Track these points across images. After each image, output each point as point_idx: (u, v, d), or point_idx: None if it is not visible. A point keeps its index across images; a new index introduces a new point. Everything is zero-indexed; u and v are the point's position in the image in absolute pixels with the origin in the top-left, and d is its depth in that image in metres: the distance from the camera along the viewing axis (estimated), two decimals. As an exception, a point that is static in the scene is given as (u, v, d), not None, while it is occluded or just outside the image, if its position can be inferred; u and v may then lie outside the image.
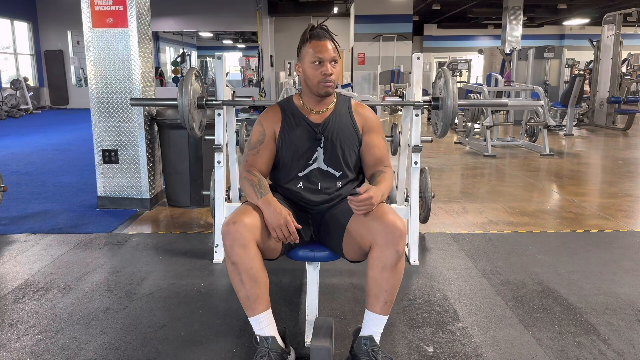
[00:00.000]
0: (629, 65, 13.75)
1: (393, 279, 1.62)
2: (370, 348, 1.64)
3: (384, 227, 1.59)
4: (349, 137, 1.89)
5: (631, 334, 1.97)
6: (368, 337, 1.66)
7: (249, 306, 1.65)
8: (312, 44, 1.77)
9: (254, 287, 1.63)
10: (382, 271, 1.61)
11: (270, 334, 1.66)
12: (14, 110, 11.61)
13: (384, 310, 1.66)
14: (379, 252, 1.60)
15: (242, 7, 14.58)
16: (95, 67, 3.66)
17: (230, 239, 1.59)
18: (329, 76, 1.78)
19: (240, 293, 1.65)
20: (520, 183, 4.78)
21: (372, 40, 15.20)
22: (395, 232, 1.58)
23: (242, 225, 1.60)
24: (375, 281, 1.63)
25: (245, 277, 1.61)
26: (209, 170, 3.13)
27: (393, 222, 1.60)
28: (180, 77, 16.50)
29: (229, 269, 1.64)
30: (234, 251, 1.59)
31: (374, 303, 1.66)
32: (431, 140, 2.84)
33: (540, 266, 2.67)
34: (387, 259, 1.59)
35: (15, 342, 1.92)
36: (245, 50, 22.44)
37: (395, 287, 1.65)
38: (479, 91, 7.53)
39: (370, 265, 1.63)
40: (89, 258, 2.82)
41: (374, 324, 1.68)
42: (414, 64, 2.73)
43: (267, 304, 1.68)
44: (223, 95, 2.84)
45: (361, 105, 1.98)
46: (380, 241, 1.59)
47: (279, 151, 1.89)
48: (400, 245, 1.59)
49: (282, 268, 2.60)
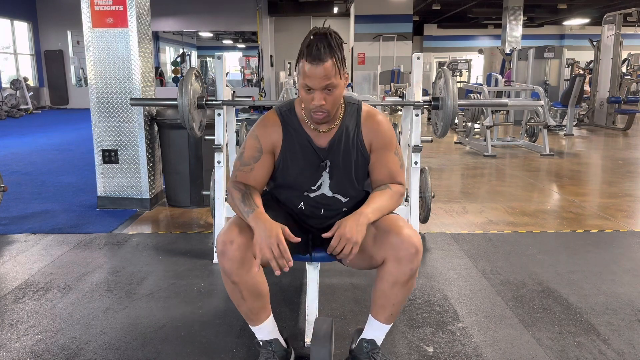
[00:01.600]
0: (629, 65, 13.74)
1: (402, 295, 1.57)
2: (372, 350, 1.63)
3: (399, 243, 1.49)
4: (358, 159, 1.66)
5: (631, 334, 1.97)
6: (370, 341, 1.65)
7: (252, 318, 1.63)
8: (306, 62, 1.47)
9: (256, 301, 1.58)
10: (393, 287, 1.54)
11: (274, 337, 1.66)
12: (14, 110, 11.61)
13: (389, 320, 1.64)
14: (392, 267, 1.52)
15: (242, 7, 14.58)
16: (95, 67, 3.66)
17: (228, 260, 1.48)
18: (320, 107, 1.51)
19: (242, 308, 1.60)
20: (520, 183, 4.78)
21: (372, 40, 15.21)
22: (411, 249, 1.48)
23: (239, 246, 1.48)
24: (384, 294, 1.57)
25: (247, 294, 1.55)
26: (209, 170, 3.13)
27: (409, 238, 1.50)
28: (180, 77, 16.51)
29: (228, 287, 1.55)
30: (234, 272, 1.49)
31: (379, 312, 1.62)
32: (431, 140, 2.84)
33: (540, 266, 2.67)
34: (399, 276, 1.52)
35: (15, 342, 1.92)
36: (245, 50, 22.44)
37: (403, 302, 1.60)
38: (479, 91, 7.53)
39: (381, 278, 1.56)
40: (89, 258, 2.82)
41: (377, 329, 1.66)
42: (414, 64, 2.73)
43: (269, 311, 1.66)
44: (223, 95, 2.84)
45: (372, 116, 1.68)
46: (395, 257, 1.50)
47: (278, 171, 1.67)
48: (415, 262, 1.50)
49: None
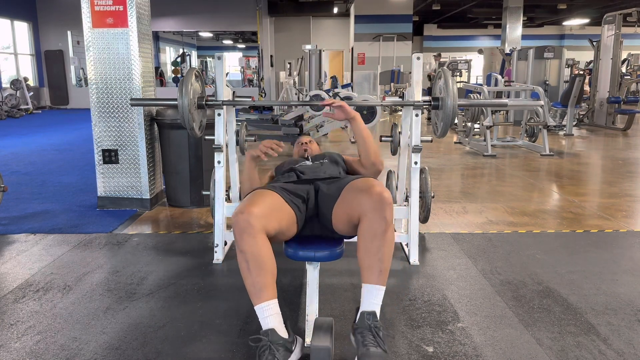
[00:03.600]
0: (629, 65, 13.74)
1: (384, 247, 1.68)
2: (373, 323, 1.66)
3: (370, 198, 1.69)
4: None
5: (631, 334, 1.97)
6: (371, 313, 1.68)
7: (255, 294, 1.68)
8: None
9: (259, 275, 1.67)
10: (373, 240, 1.68)
11: (270, 326, 1.65)
12: (14, 110, 11.61)
13: (380, 280, 1.70)
14: (367, 222, 1.69)
15: (242, 7, 14.58)
16: (95, 67, 3.66)
17: (239, 228, 1.66)
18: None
19: (247, 280, 1.70)
20: (520, 183, 4.78)
21: (372, 40, 15.20)
22: (382, 200, 1.67)
23: (250, 215, 1.67)
24: (367, 251, 1.69)
25: (252, 265, 1.67)
26: (209, 170, 3.13)
27: (379, 192, 1.69)
28: (180, 77, 16.51)
29: (238, 257, 1.71)
30: (243, 239, 1.66)
31: (369, 275, 1.70)
32: (431, 140, 2.84)
33: (540, 266, 2.67)
34: (375, 227, 1.67)
35: (15, 342, 1.92)
36: (245, 50, 22.43)
37: (387, 256, 1.70)
38: (479, 91, 7.53)
39: (361, 237, 1.71)
40: (89, 258, 2.82)
41: (373, 295, 1.70)
42: (414, 64, 2.73)
43: (273, 293, 1.69)
44: (223, 95, 2.84)
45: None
46: (368, 211, 1.68)
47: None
48: (387, 212, 1.67)
49: (282, 268, 2.59)
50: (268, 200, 1.83)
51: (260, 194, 1.88)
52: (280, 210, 1.85)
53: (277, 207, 1.84)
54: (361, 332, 1.65)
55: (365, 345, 1.60)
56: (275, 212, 1.81)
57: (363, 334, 1.65)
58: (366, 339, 1.62)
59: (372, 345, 1.60)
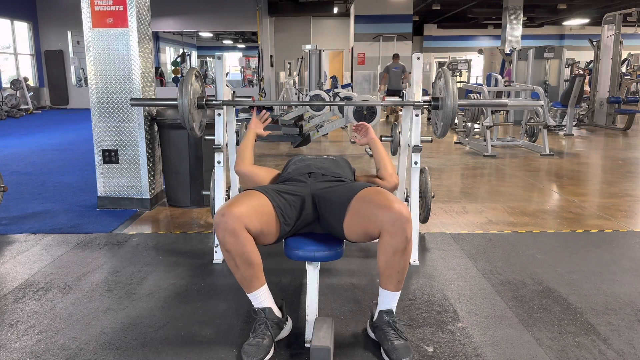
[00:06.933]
0: (629, 65, 13.75)
1: (403, 261, 1.79)
2: (391, 319, 1.84)
3: (392, 216, 1.73)
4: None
5: (631, 334, 1.97)
6: (388, 311, 1.85)
7: (246, 285, 1.85)
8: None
9: (248, 269, 1.80)
10: (394, 255, 1.76)
11: (267, 306, 1.86)
12: (14, 110, 11.61)
13: (398, 287, 1.85)
14: (389, 237, 1.75)
15: (242, 7, 14.58)
16: (95, 67, 3.66)
17: (221, 230, 1.74)
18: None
19: (237, 275, 1.83)
20: (520, 183, 4.78)
21: (372, 40, 15.19)
22: (402, 219, 1.73)
23: (230, 217, 1.74)
24: (388, 264, 1.79)
25: (239, 261, 1.78)
26: (209, 170, 3.13)
27: (399, 210, 1.74)
28: (180, 77, 16.51)
29: (224, 255, 1.80)
30: (226, 240, 1.75)
31: (388, 282, 1.83)
32: (431, 140, 2.84)
33: (540, 266, 2.67)
34: (397, 245, 1.75)
35: (15, 342, 1.92)
36: (245, 50, 22.44)
37: (405, 267, 1.81)
38: (479, 91, 7.53)
39: (382, 250, 1.78)
40: (89, 258, 2.82)
41: (390, 299, 1.86)
42: (414, 64, 2.73)
43: (262, 281, 1.87)
44: (223, 95, 2.84)
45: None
46: (390, 229, 1.73)
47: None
48: (408, 231, 1.74)
49: (282, 268, 2.60)
50: (253, 201, 1.86)
51: (246, 194, 1.91)
52: (264, 213, 1.85)
53: (261, 210, 1.85)
54: (382, 329, 1.83)
55: (389, 340, 1.79)
56: (258, 214, 1.83)
57: (384, 329, 1.83)
58: (388, 334, 1.81)
59: (395, 338, 1.79)
